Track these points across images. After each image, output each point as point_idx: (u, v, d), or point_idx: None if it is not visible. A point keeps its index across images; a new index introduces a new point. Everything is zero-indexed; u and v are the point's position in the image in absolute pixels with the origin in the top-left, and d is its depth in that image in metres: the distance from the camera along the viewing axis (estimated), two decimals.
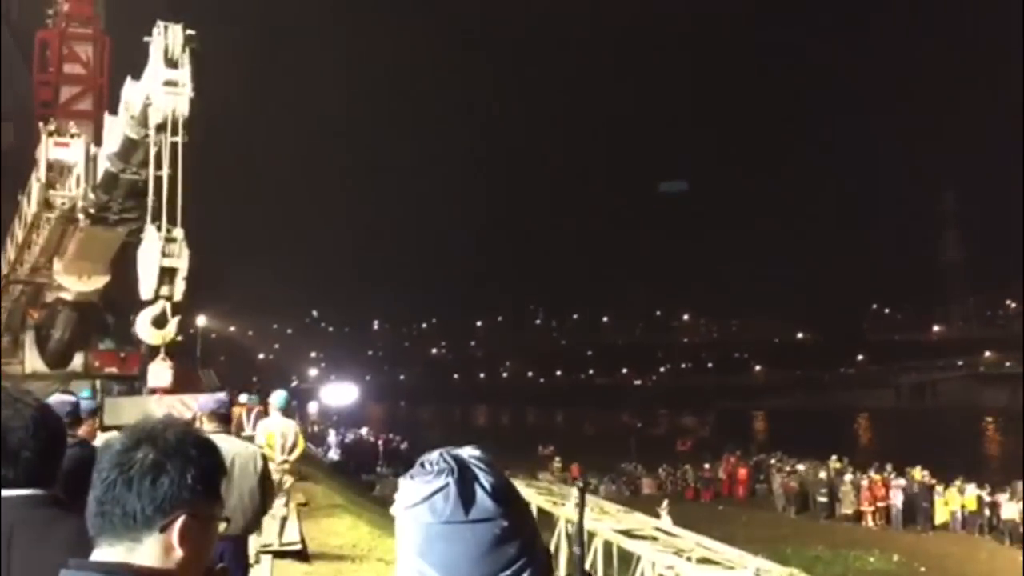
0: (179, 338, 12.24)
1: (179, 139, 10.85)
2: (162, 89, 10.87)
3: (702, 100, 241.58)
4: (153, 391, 11.47)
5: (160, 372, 11.29)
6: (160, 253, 10.49)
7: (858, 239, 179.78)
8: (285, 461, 10.00)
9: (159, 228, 10.64)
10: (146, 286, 10.61)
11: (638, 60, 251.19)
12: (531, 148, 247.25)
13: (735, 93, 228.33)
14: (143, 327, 10.84)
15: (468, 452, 1.19)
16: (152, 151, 11.09)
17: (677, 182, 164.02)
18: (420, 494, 1.14)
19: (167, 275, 10.60)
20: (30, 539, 2.03)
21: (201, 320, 62.37)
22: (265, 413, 12.73)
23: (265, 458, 6.37)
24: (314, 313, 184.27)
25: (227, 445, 5.97)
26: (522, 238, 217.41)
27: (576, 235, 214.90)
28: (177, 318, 10.90)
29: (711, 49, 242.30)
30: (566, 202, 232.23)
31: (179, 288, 10.68)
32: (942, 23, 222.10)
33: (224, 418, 6.27)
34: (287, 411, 10.42)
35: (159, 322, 10.75)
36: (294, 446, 10.05)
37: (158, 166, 10.94)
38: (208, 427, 5.95)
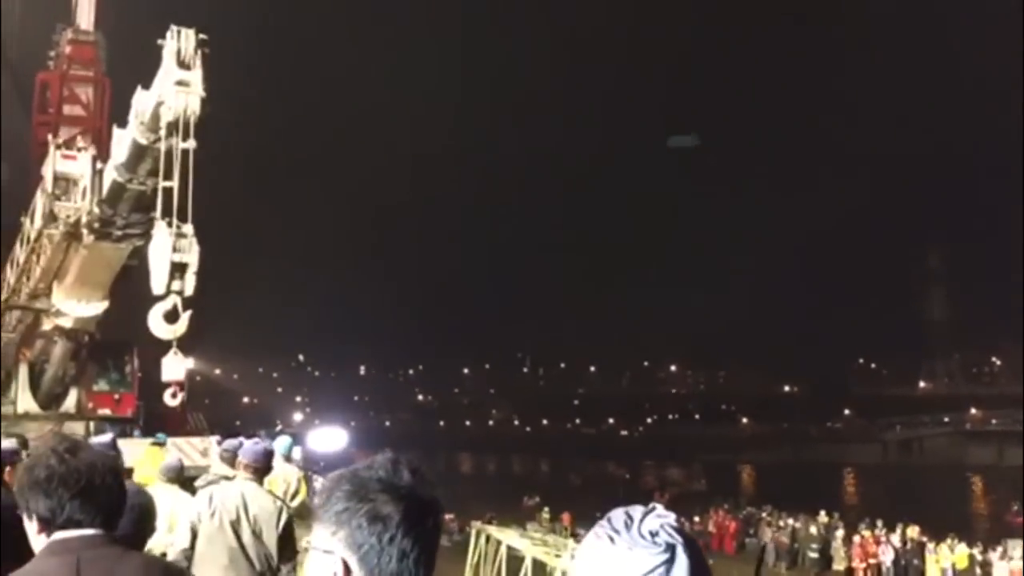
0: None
1: (191, 140, 11.03)
2: (174, 88, 11.05)
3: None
4: (167, 385, 11.49)
5: (174, 365, 11.39)
6: (171, 248, 10.60)
7: (844, 293, 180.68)
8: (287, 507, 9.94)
9: (169, 224, 10.76)
10: (158, 281, 10.69)
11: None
12: (520, 200, 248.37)
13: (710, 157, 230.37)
14: (155, 322, 10.88)
15: (664, 520, 1.15)
16: (163, 146, 11.23)
17: (688, 137, 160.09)
18: (643, 567, 1.08)
19: (178, 270, 10.71)
20: (99, 573, 2.12)
21: (188, 363, 61.90)
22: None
23: (291, 516, 6.33)
24: (300, 357, 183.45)
25: (251, 494, 5.95)
26: (510, 286, 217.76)
27: (564, 284, 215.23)
28: (188, 313, 10.92)
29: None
30: (554, 251, 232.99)
31: (190, 283, 10.79)
32: (933, 82, 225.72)
33: (261, 471, 6.27)
34: (289, 457, 10.42)
35: (171, 317, 10.82)
36: (296, 493, 9.99)
37: (169, 164, 11.08)
38: (244, 475, 5.96)
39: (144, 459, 10.84)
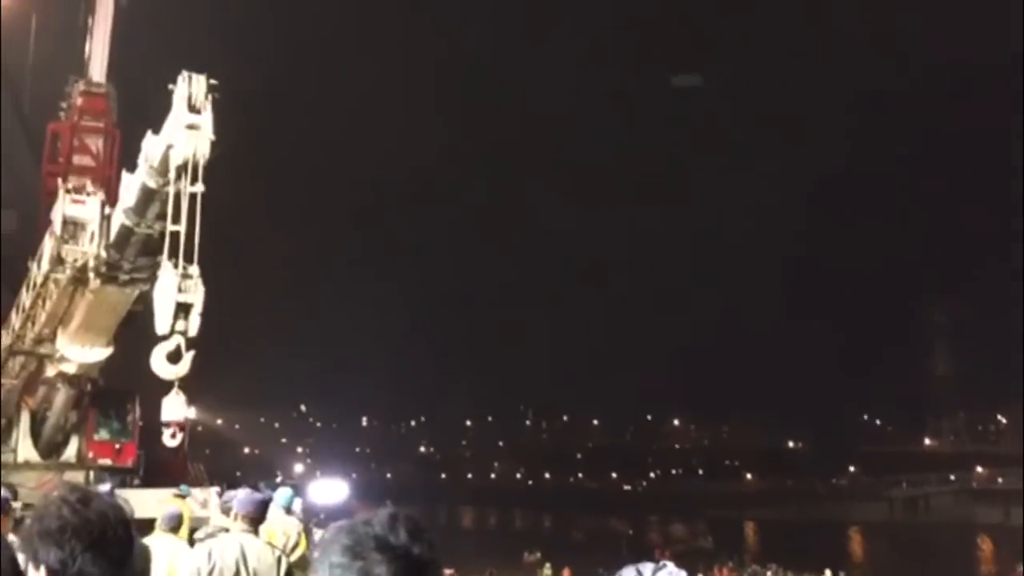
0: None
1: (199, 184, 11.15)
2: (184, 132, 11.22)
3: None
4: (167, 425, 11.50)
5: (174, 405, 11.40)
6: (176, 289, 10.67)
7: (848, 348, 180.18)
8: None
9: (175, 265, 10.86)
10: (162, 321, 10.76)
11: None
12: (521, 247, 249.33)
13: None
14: (158, 362, 10.94)
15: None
16: (172, 190, 11.35)
17: (692, 76, 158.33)
18: None
19: (182, 310, 10.75)
20: None
21: (190, 412, 61.77)
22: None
23: (290, 568, 6.31)
24: (302, 408, 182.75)
25: (250, 546, 5.93)
26: (513, 338, 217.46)
27: (567, 336, 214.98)
28: (191, 353, 10.98)
29: None
30: (557, 305, 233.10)
31: (194, 324, 10.83)
32: (941, 143, 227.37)
33: (256, 520, 6.25)
34: (289, 509, 10.37)
35: (174, 357, 10.88)
36: (296, 545, 9.93)
37: (177, 208, 11.21)
38: (241, 526, 5.94)
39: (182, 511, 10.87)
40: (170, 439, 11.72)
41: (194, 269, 10.90)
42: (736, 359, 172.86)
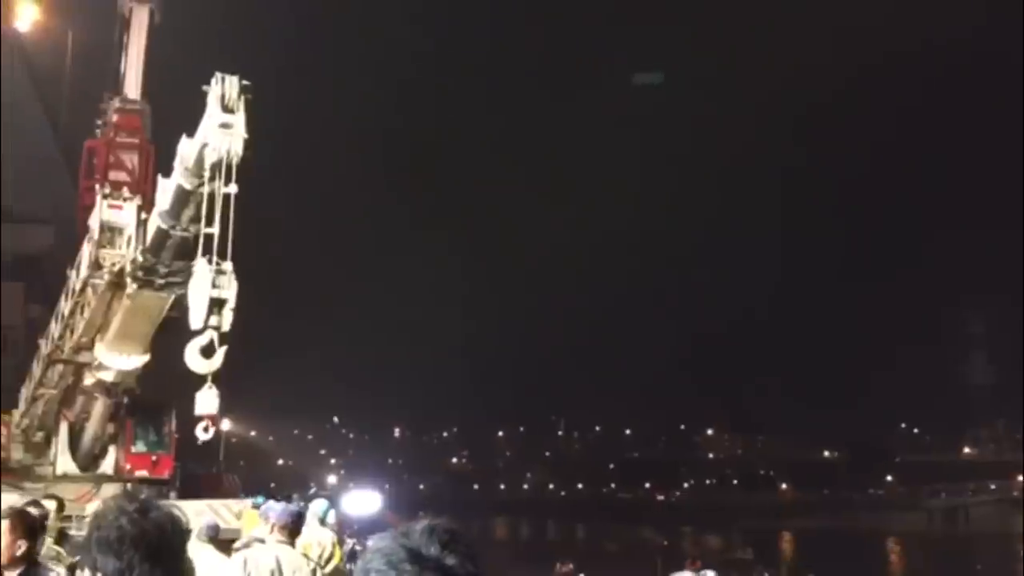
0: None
1: (233, 185, 11.41)
2: (219, 131, 11.43)
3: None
4: (199, 419, 11.71)
5: (208, 399, 11.57)
6: (210, 284, 10.88)
7: (885, 356, 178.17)
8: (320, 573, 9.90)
9: (209, 261, 11.07)
10: (196, 316, 10.97)
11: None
12: (557, 261, 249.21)
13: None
14: (192, 356, 11.08)
15: None
16: (207, 190, 11.59)
17: (654, 74, 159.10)
18: None
19: (216, 305, 10.95)
20: None
21: (224, 424, 62.33)
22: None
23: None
24: (335, 419, 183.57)
25: (285, 557, 5.95)
26: (546, 348, 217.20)
27: (600, 346, 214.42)
28: (224, 348, 11.10)
29: None
30: (591, 312, 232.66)
31: (227, 319, 11.03)
32: (978, 140, 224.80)
33: (292, 531, 6.28)
34: (324, 521, 10.41)
35: (207, 352, 11.02)
36: (331, 558, 9.96)
37: (211, 207, 11.44)
38: (277, 537, 5.97)
39: (246, 521, 11.06)
40: (203, 432, 11.92)
41: (228, 265, 11.10)
42: (771, 368, 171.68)
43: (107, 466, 21.28)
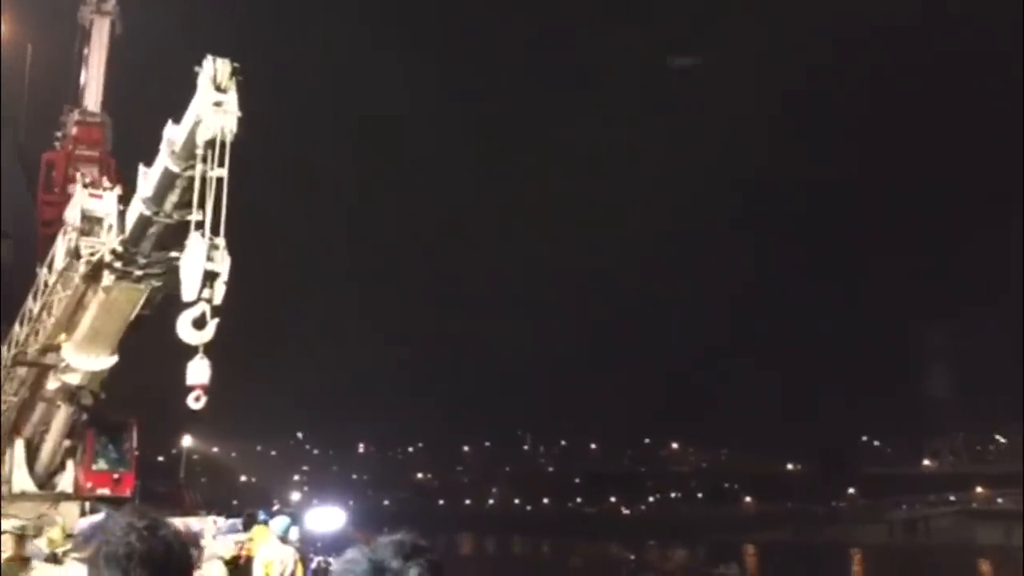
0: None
1: (224, 169, 11.50)
2: (212, 109, 11.77)
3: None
4: (191, 388, 11.82)
5: (199, 369, 11.76)
6: (205, 257, 11.27)
7: (845, 370, 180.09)
8: None
9: (203, 235, 11.49)
10: (189, 289, 11.37)
11: None
12: (520, 276, 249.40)
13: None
14: (184, 327, 11.44)
15: None
16: (199, 169, 11.73)
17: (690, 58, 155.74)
18: None
19: (209, 278, 11.33)
20: None
21: (186, 440, 61.55)
22: None
23: None
24: (299, 435, 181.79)
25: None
26: (510, 363, 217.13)
27: (564, 361, 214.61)
28: (216, 320, 11.51)
29: None
30: (556, 327, 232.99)
31: (219, 292, 11.46)
32: (939, 165, 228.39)
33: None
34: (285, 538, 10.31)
35: (199, 323, 11.40)
36: (292, 575, 9.87)
37: (203, 189, 11.84)
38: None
39: (255, 537, 11.27)
40: (194, 402, 12.03)
41: (220, 240, 11.50)
42: (734, 382, 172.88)
43: (65, 484, 20.88)
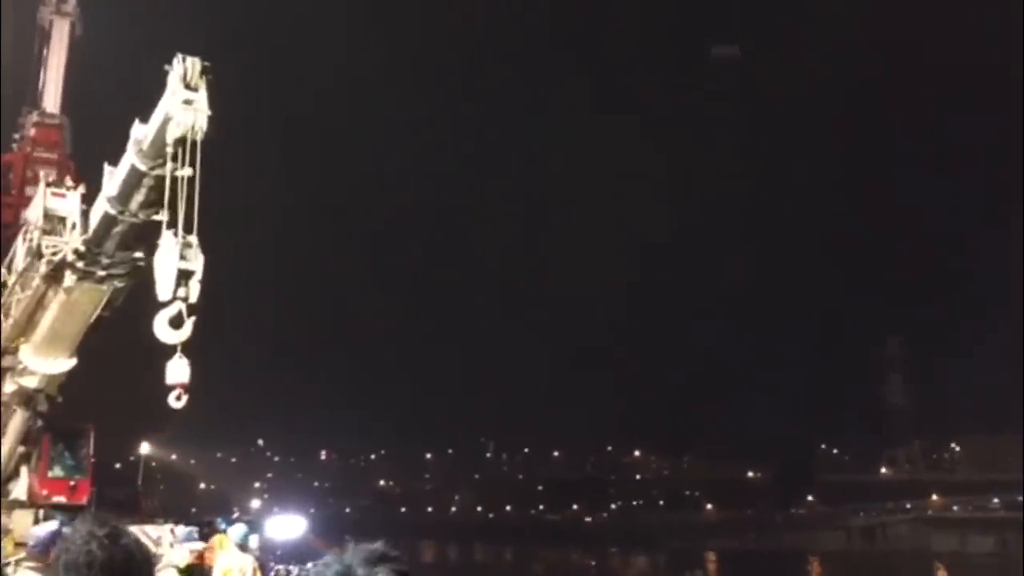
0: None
1: (193, 168, 11.70)
2: (182, 107, 11.79)
3: None
4: (171, 387, 11.74)
5: (179, 369, 11.72)
6: (178, 256, 11.23)
7: (806, 378, 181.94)
8: None
9: (175, 234, 11.45)
10: (164, 288, 11.33)
11: None
12: (478, 283, 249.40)
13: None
14: (161, 327, 11.37)
15: None
16: (168, 168, 11.70)
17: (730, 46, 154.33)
18: None
19: (184, 277, 11.29)
20: None
21: (144, 447, 60.77)
22: None
23: None
24: (260, 442, 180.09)
25: None
26: (473, 370, 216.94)
27: (526, 368, 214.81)
28: (192, 318, 11.46)
29: None
30: (519, 333, 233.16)
31: (194, 290, 11.43)
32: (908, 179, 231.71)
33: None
34: (244, 546, 10.24)
35: (176, 322, 11.34)
36: None
37: (174, 187, 11.80)
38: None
39: (215, 545, 11.20)
40: (175, 401, 11.93)
41: (193, 238, 11.46)
42: (695, 390, 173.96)
43: (19, 491, 20.52)
